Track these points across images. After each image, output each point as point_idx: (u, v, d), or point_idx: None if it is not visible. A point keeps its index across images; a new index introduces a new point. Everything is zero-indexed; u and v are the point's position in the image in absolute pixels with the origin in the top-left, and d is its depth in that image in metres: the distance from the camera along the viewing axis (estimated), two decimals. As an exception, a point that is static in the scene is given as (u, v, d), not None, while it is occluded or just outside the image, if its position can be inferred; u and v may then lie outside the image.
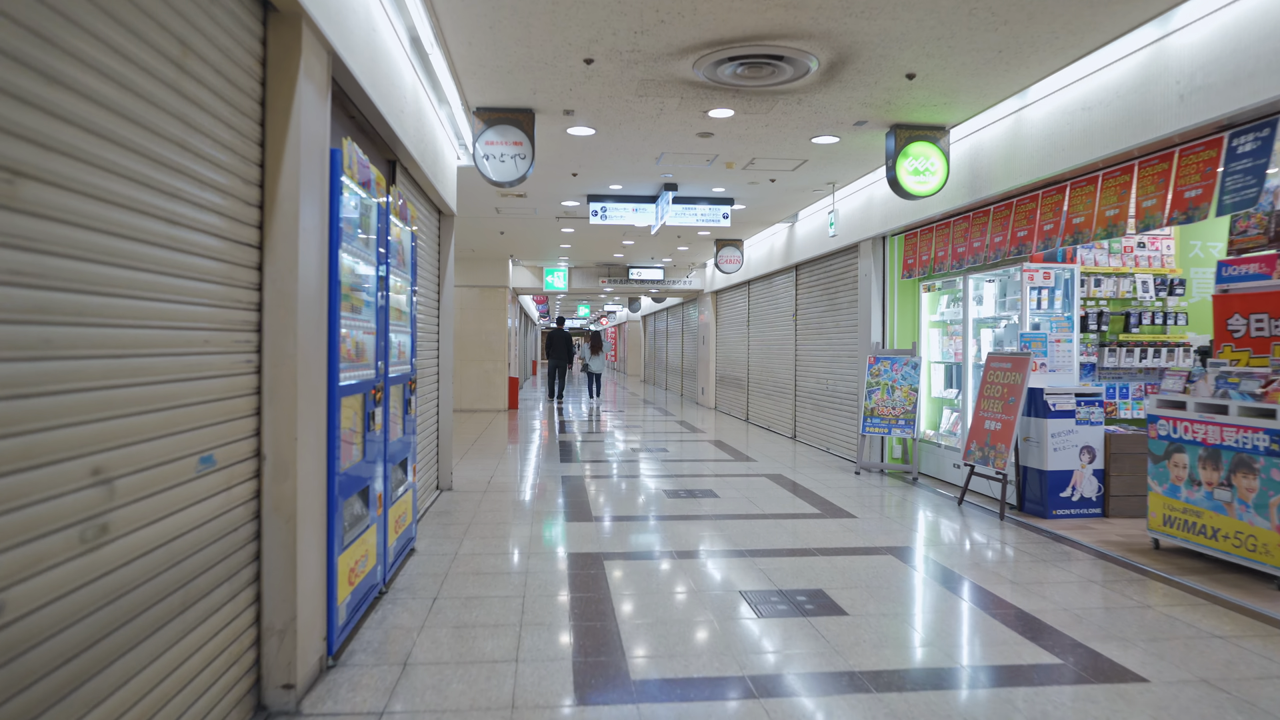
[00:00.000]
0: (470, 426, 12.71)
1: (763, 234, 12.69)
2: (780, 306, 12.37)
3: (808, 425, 11.04)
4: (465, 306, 15.91)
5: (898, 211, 7.86)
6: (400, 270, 4.69)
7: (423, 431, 6.55)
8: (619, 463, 8.97)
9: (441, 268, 7.23)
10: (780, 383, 12.31)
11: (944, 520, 6.16)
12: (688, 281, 17.64)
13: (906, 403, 8.09)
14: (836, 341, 9.90)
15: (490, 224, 11.56)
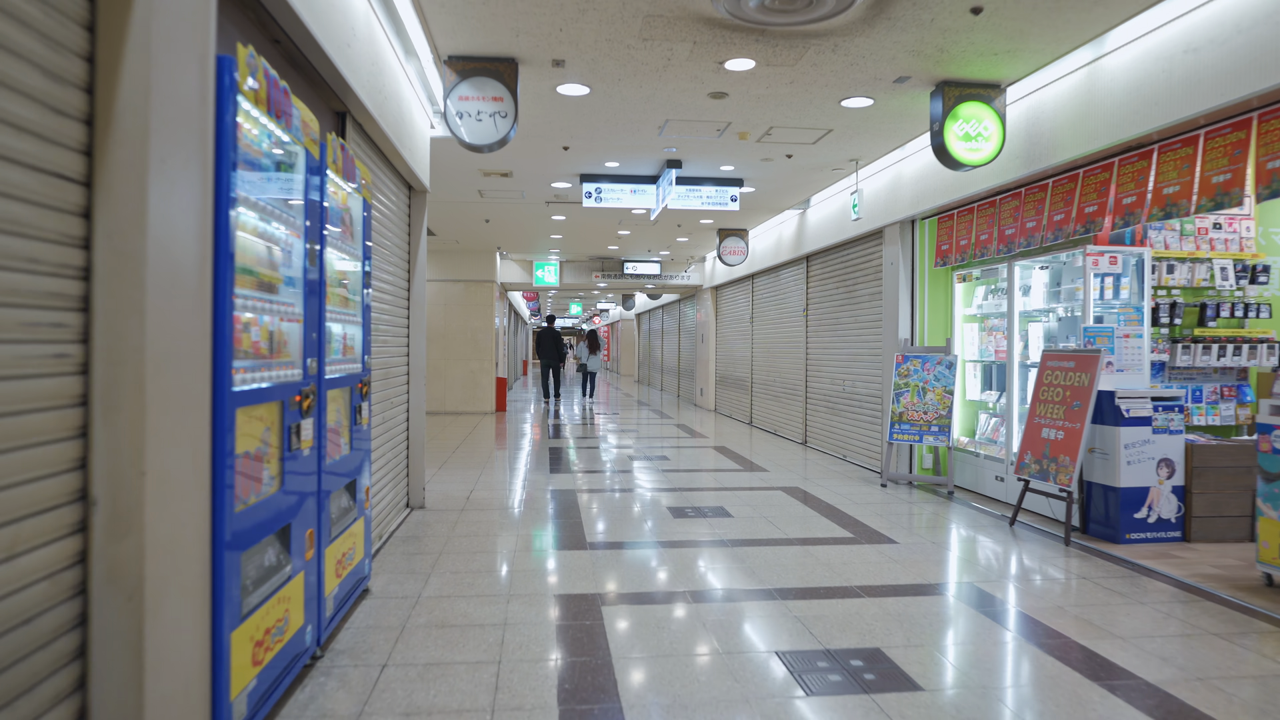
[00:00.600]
0: (454, 431, 11.74)
1: (769, 223, 11.77)
2: (789, 301, 11.45)
3: (820, 430, 10.12)
4: (450, 302, 14.94)
5: (931, 190, 6.95)
6: (347, 244, 3.73)
7: (389, 441, 5.60)
8: (615, 473, 8.02)
9: (412, 252, 6.27)
10: (789, 384, 11.39)
11: (999, 546, 5.24)
12: (685, 276, 16.71)
13: (940, 406, 7.17)
14: (855, 338, 8.98)
15: (474, 210, 10.60)
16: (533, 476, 7.83)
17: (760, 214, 10.89)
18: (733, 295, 14.81)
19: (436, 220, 11.36)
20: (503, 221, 11.42)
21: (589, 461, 8.86)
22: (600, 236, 12.96)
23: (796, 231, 10.64)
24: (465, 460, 8.85)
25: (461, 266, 14.97)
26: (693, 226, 11.76)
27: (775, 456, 9.44)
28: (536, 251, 15.18)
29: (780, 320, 11.85)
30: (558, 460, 8.90)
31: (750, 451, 9.88)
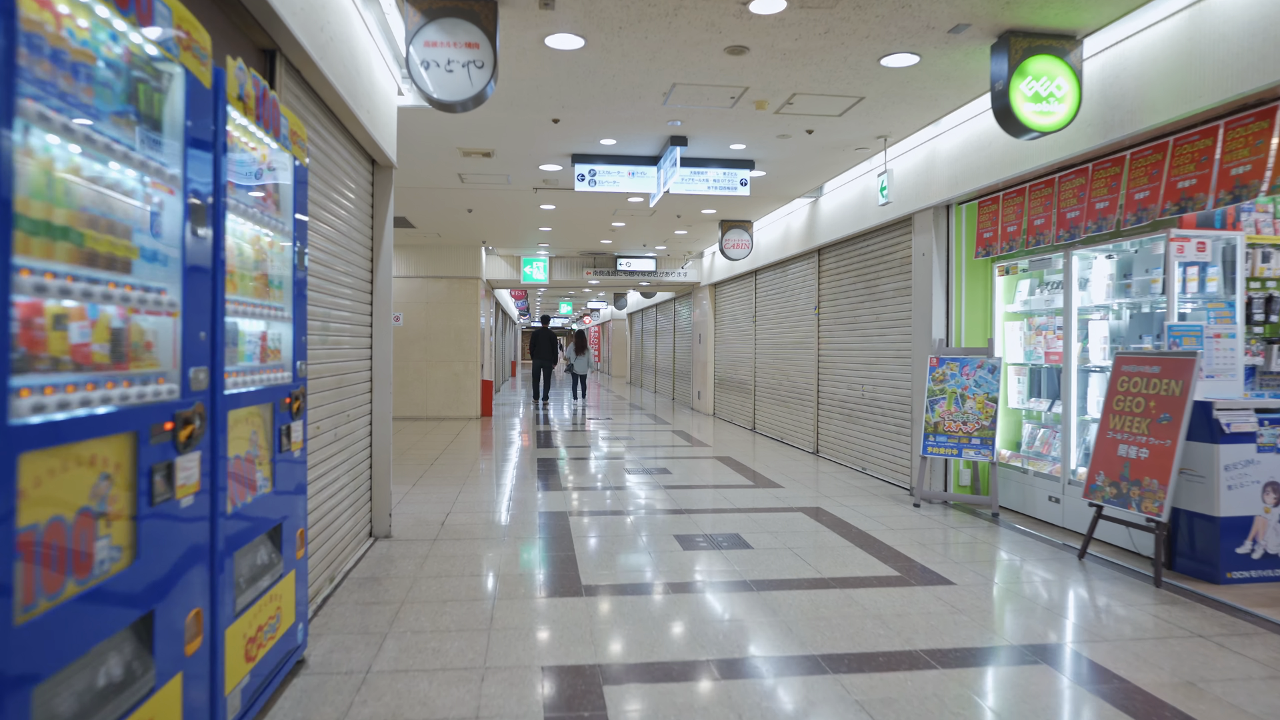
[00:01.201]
0: (435, 439, 10.81)
1: (776, 214, 10.90)
2: (798, 298, 10.57)
3: (835, 439, 9.25)
4: (432, 301, 14.00)
5: (972, 170, 6.08)
6: (269, 215, 2.83)
7: (347, 461, 4.68)
8: (611, 490, 7.12)
9: (376, 238, 5.35)
10: (798, 388, 10.52)
11: (1077, 589, 4.37)
12: (682, 273, 15.83)
13: (982, 416, 6.31)
14: (877, 338, 8.11)
15: (455, 199, 9.67)
16: (519, 494, 6.91)
17: (768, 203, 10.01)
18: (734, 292, 13.94)
19: (414, 210, 10.42)
20: (487, 211, 10.50)
21: (582, 475, 7.95)
22: (593, 229, 12.05)
23: (807, 222, 9.77)
24: (444, 474, 7.92)
25: (444, 262, 14.03)
26: (694, 217, 10.88)
27: (787, 469, 8.56)
28: (524, 246, 14.26)
29: (788, 319, 10.97)
30: (547, 474, 7.99)
31: (758, 463, 9.00)
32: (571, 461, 8.92)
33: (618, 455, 9.44)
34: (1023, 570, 4.72)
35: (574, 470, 8.31)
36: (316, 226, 4.09)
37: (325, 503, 4.22)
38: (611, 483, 7.53)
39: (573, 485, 7.40)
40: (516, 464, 8.72)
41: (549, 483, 7.51)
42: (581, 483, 7.54)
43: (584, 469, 8.40)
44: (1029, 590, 4.33)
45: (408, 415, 13.90)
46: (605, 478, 7.82)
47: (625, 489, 7.22)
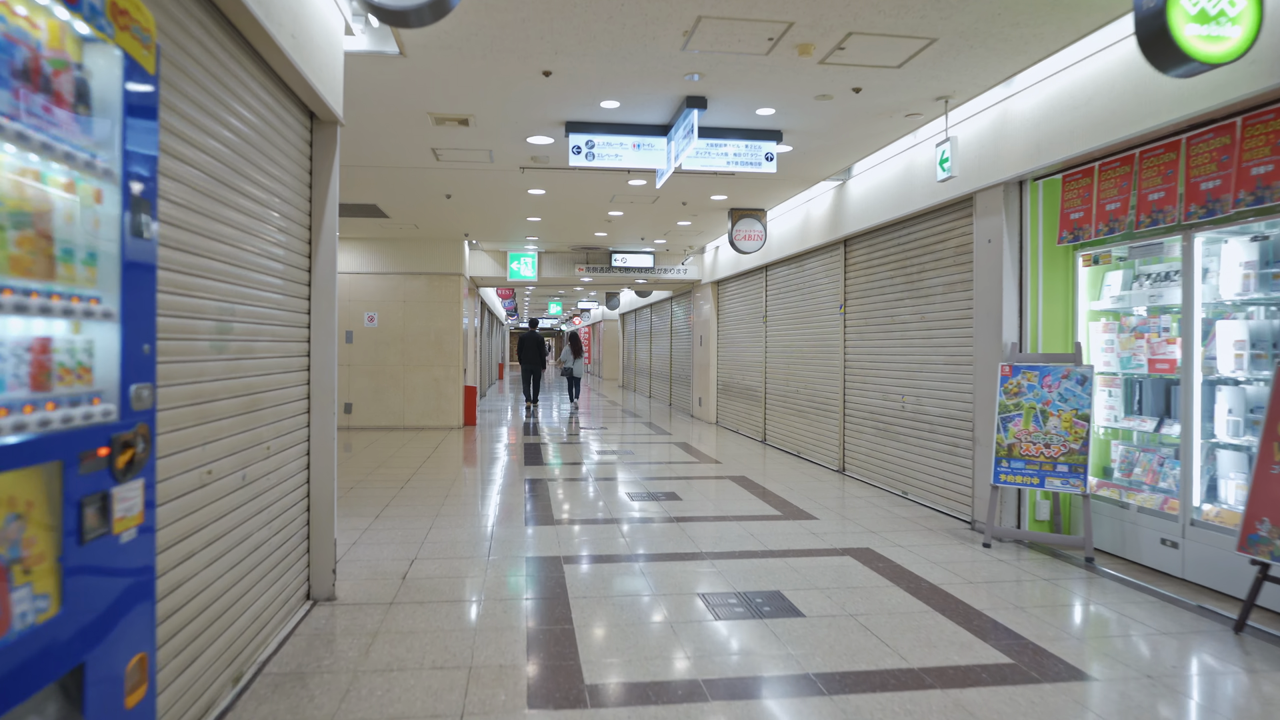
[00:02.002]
0: (410, 453, 9.58)
1: (794, 202, 9.74)
2: (818, 296, 9.41)
3: (866, 457, 8.08)
4: (410, 299, 12.76)
5: (1061, 134, 4.94)
6: (52, 130, 1.62)
7: (270, 509, 3.47)
8: (614, 525, 5.93)
9: (316, 212, 4.14)
10: (819, 397, 9.35)
11: (1250, 678, 3.21)
12: (682, 270, 14.65)
13: (1070, 437, 5.16)
14: (923, 341, 6.95)
15: (431, 182, 8.46)
16: (503, 530, 5.70)
17: (788, 187, 8.84)
18: (740, 290, 12.76)
19: (386, 196, 9.19)
20: (468, 197, 9.28)
21: (577, 503, 6.75)
22: (587, 219, 10.85)
23: (832, 209, 8.61)
24: (416, 500, 6.70)
25: (422, 257, 12.79)
26: (701, 204, 9.69)
27: (815, 493, 7.38)
28: (511, 240, 13.04)
29: (806, 318, 9.81)
30: (538, 500, 6.79)
31: (779, 485, 7.82)
32: (565, 484, 7.71)
33: (618, 476, 8.24)
34: (1171, 650, 3.55)
35: (568, 495, 7.10)
36: (218, 192, 2.88)
37: (226, 574, 3.01)
38: (613, 512, 6.33)
39: (567, 517, 6.20)
40: (502, 486, 7.51)
41: (539, 513, 6.31)
42: (578, 513, 6.34)
43: (580, 494, 7.19)
44: (1198, 692, 3.16)
45: (383, 425, 12.65)
46: (605, 506, 6.62)
47: (629, 522, 6.03)
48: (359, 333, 12.63)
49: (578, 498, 7.02)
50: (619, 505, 6.67)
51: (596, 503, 6.78)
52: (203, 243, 2.82)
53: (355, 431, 12.21)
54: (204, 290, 2.82)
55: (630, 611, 4.01)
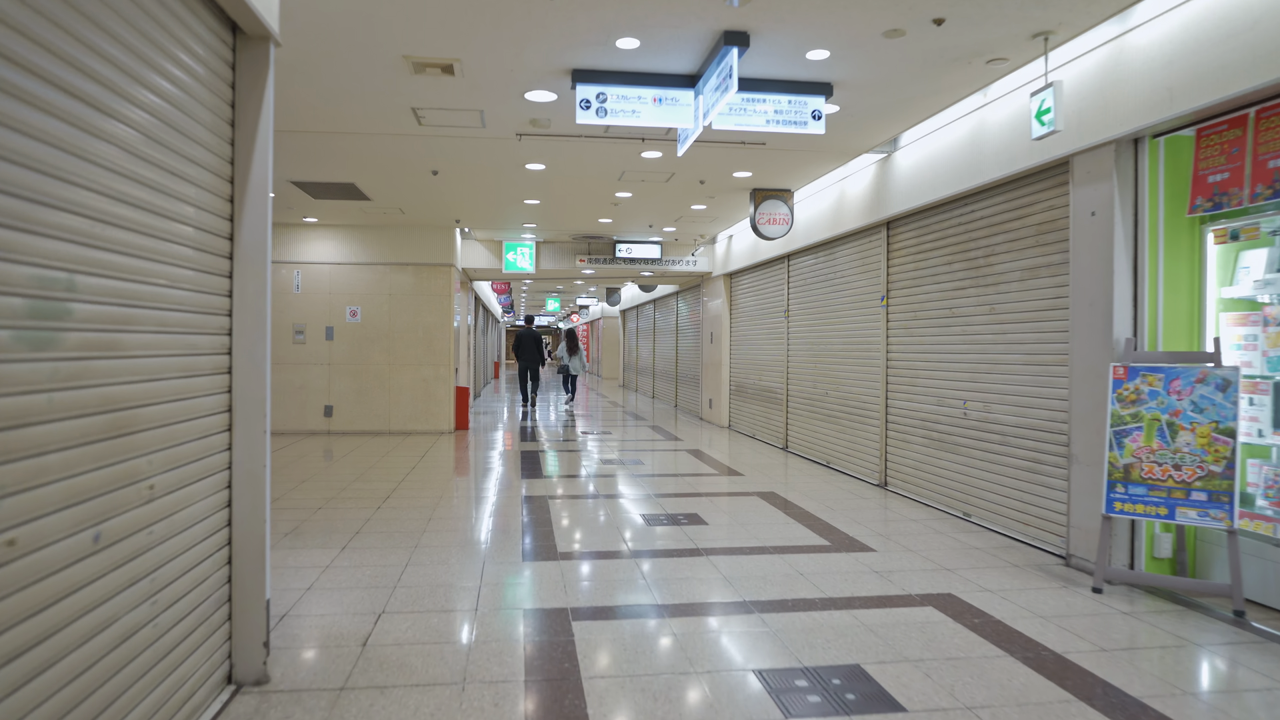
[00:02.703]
0: (392, 463, 8.49)
1: (823, 182, 8.67)
2: (853, 286, 8.34)
3: (914, 470, 7.03)
4: (396, 292, 11.66)
5: (1207, 73, 3.88)
6: None
7: (147, 576, 2.39)
8: (633, 563, 4.85)
9: (241, 156, 3.06)
10: (854, 401, 8.28)
11: None
12: (691, 262, 13.58)
13: (1209, 457, 4.10)
14: (993, 337, 5.90)
15: (415, 154, 7.37)
16: (496, 571, 4.63)
17: (822, 161, 7.77)
18: (757, 283, 11.68)
19: (365, 172, 8.10)
20: (457, 173, 8.19)
21: (585, 530, 5.67)
22: (590, 200, 9.77)
23: (873, 187, 7.54)
24: (393, 526, 5.62)
25: (410, 246, 11.70)
26: (721, 183, 8.61)
27: (860, 514, 6.32)
28: (507, 227, 11.95)
29: (838, 312, 8.74)
30: (537, 526, 5.71)
31: (816, 503, 6.76)
32: (568, 502, 6.64)
33: (629, 492, 7.16)
34: None
35: (573, 517, 6.03)
36: (50, 100, 1.80)
37: (74, 682, 1.93)
38: (628, 545, 5.26)
39: (574, 548, 5.12)
40: (495, 506, 6.43)
41: (539, 542, 5.24)
42: (585, 542, 5.26)
43: (586, 516, 6.12)
44: None
45: (366, 430, 11.56)
46: (617, 533, 5.55)
47: (648, 556, 4.96)
48: (340, 329, 11.54)
49: (584, 521, 5.94)
50: (633, 532, 5.59)
51: (606, 529, 5.70)
52: (10, 172, 1.74)
53: (336, 437, 11.12)
54: (5, 247, 1.74)
55: (666, 705, 2.93)
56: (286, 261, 11.46)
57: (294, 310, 11.47)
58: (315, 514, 6.12)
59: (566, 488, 7.35)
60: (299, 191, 9.01)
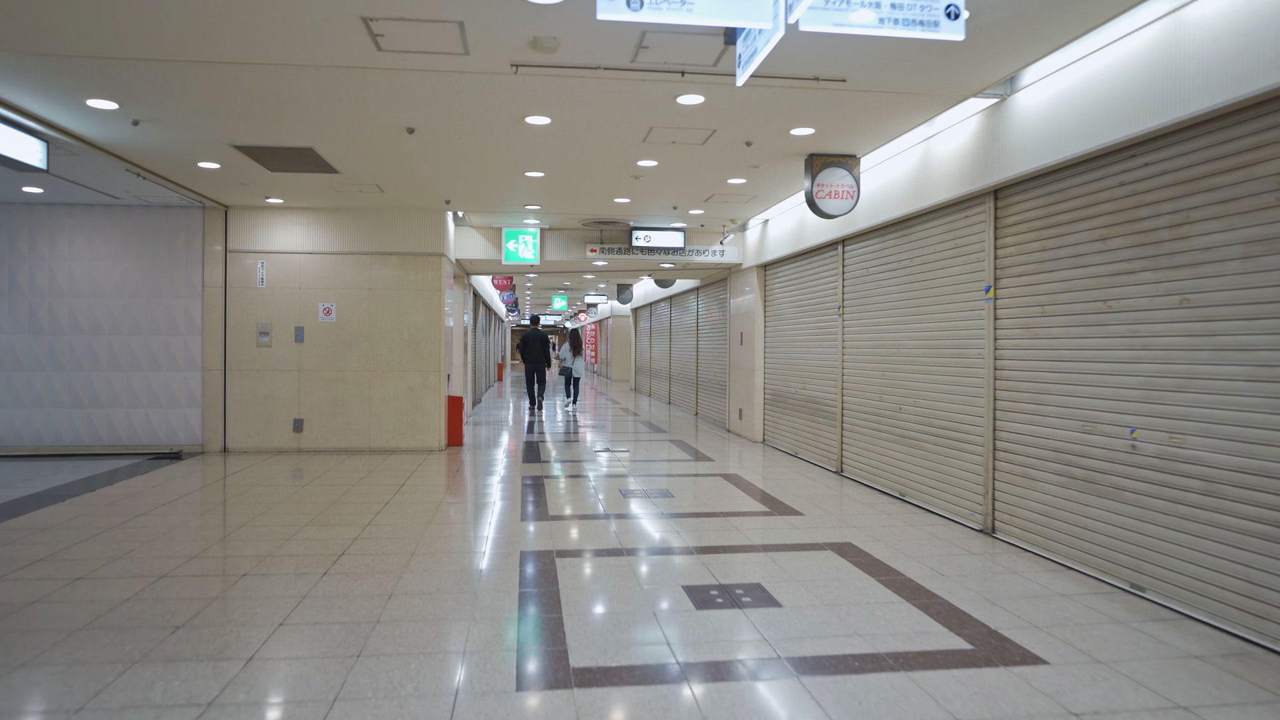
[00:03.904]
0: (365, 495, 6.79)
1: (898, 145, 6.94)
2: (939, 273, 6.61)
3: (1041, 517, 5.30)
4: (377, 286, 9.97)
5: None
6: None
7: None
8: (689, 690, 3.14)
9: None
10: (943, 420, 6.54)
11: None
12: (718, 252, 11.85)
13: None
14: (1184, 338, 4.17)
15: (378, 98, 5.68)
16: (482, 673, 2.91)
17: (913, 109, 6.04)
18: (801, 274, 9.95)
19: (322, 130, 6.40)
20: (440, 133, 6.49)
21: (611, 620, 3.95)
22: (606, 173, 8.05)
23: (976, 143, 5.81)
24: (338, 606, 3.91)
25: (392, 232, 10.00)
26: (772, 142, 6.88)
27: (990, 587, 4.59)
28: (507, 208, 10.24)
29: (917, 307, 7.01)
30: (545, 613, 3.99)
31: (918, 566, 5.03)
32: (587, 563, 4.91)
33: (661, 542, 5.44)
34: None
35: (591, 597, 4.30)
36: None
37: None
38: (676, 654, 3.54)
39: (599, 665, 3.40)
40: (486, 568, 4.72)
41: (548, 649, 3.52)
42: (614, 653, 3.54)
43: (611, 595, 4.39)
44: None
45: (342, 447, 9.88)
46: (657, 630, 3.83)
47: (711, 682, 3.23)
48: (311, 329, 9.85)
49: (608, 601, 4.22)
50: (680, 623, 3.87)
51: (640, 618, 3.98)
52: None
53: (307, 456, 9.44)
54: None
55: None
56: (248, 251, 9.78)
57: (257, 307, 9.78)
58: (237, 584, 4.43)
59: (581, 535, 5.63)
60: (249, 161, 7.32)
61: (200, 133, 6.41)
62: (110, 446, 9.54)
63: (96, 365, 9.51)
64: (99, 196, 9.01)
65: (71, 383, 9.48)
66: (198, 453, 9.60)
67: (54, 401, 9.46)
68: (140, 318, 9.57)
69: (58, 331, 9.46)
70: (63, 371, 9.47)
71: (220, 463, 8.91)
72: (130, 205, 9.51)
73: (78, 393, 9.48)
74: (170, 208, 9.60)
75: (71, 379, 9.48)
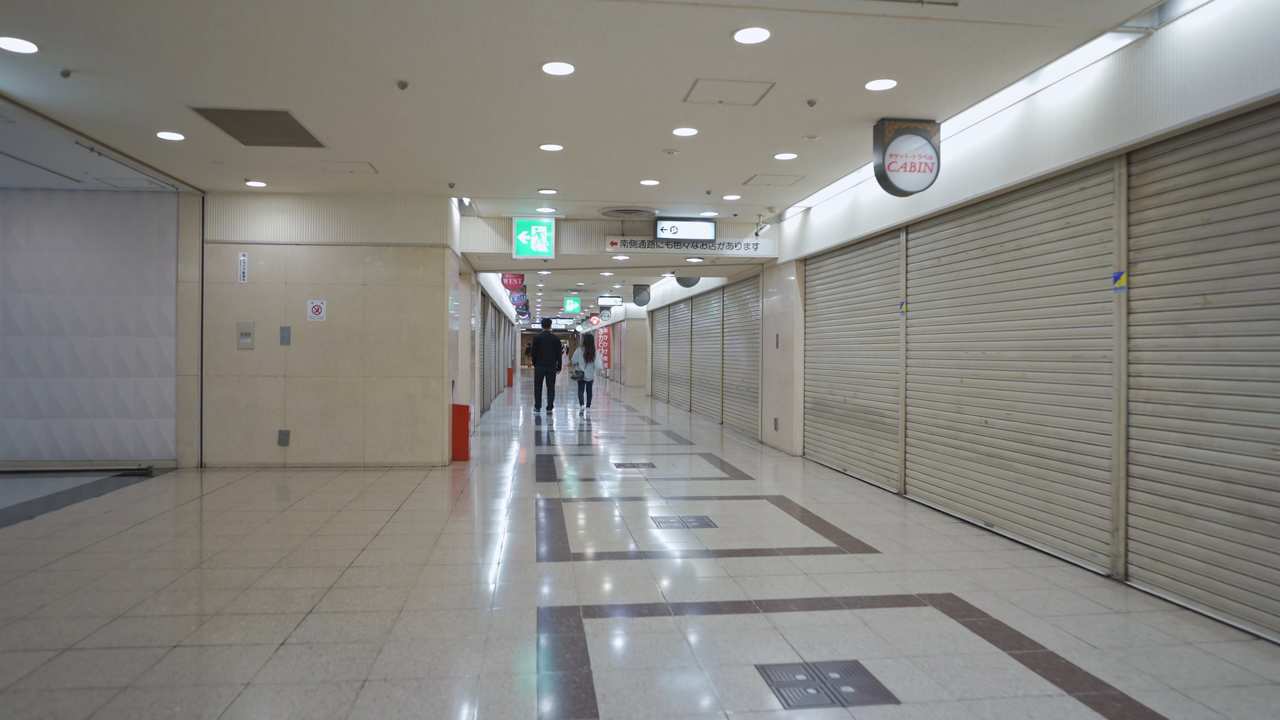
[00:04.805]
0: (353, 522, 5.69)
1: (988, 106, 5.79)
2: (1041, 260, 5.46)
3: (1195, 559, 4.17)
4: (372, 282, 8.88)
5: None
6: None
7: None
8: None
9: None
10: (1049, 437, 5.39)
11: None
12: (752, 245, 10.72)
13: None
14: None
15: (358, 38, 4.60)
16: None
17: (1036, 48, 4.90)
18: (850, 267, 8.81)
19: (295, 85, 5.31)
20: (437, 85, 5.40)
21: (666, 689, 2.83)
22: (637, 146, 6.94)
23: (1103, 94, 4.67)
24: (296, 693, 2.82)
25: (390, 220, 8.91)
26: (839, 104, 5.75)
27: (1165, 666, 3.44)
28: (518, 192, 9.14)
29: (1006, 302, 5.86)
30: (570, 690, 2.88)
31: (1037, 624, 3.87)
32: (628, 625, 3.78)
33: (715, 589, 4.30)
34: None
35: (640, 663, 3.16)
36: None
37: None
38: None
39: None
40: (499, 626, 3.59)
41: None
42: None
43: (661, 655, 3.25)
44: None
45: (334, 463, 8.78)
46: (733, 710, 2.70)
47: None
48: (299, 329, 8.77)
49: (668, 700, 3.07)
50: (746, 699, 2.74)
51: (702, 695, 2.85)
52: None
53: (293, 472, 8.35)
54: None
55: None
56: (227, 241, 8.70)
57: (238, 305, 8.70)
58: (157, 666, 3.31)
59: (612, 583, 4.49)
60: (217, 131, 6.24)
61: (152, 92, 5.33)
62: (73, 462, 8.47)
63: (57, 370, 8.45)
64: (58, 180, 7.96)
65: (29, 390, 8.42)
66: (171, 468, 8.52)
67: (8, 411, 8.40)
68: (106, 317, 8.51)
69: (13, 332, 8.41)
70: (18, 377, 8.41)
71: (195, 480, 7.83)
72: (95, 190, 8.46)
73: (35, 401, 8.42)
74: (140, 193, 8.54)
75: (29, 385, 8.42)
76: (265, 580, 4.53)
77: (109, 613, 3.95)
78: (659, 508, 6.68)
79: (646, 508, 6.68)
